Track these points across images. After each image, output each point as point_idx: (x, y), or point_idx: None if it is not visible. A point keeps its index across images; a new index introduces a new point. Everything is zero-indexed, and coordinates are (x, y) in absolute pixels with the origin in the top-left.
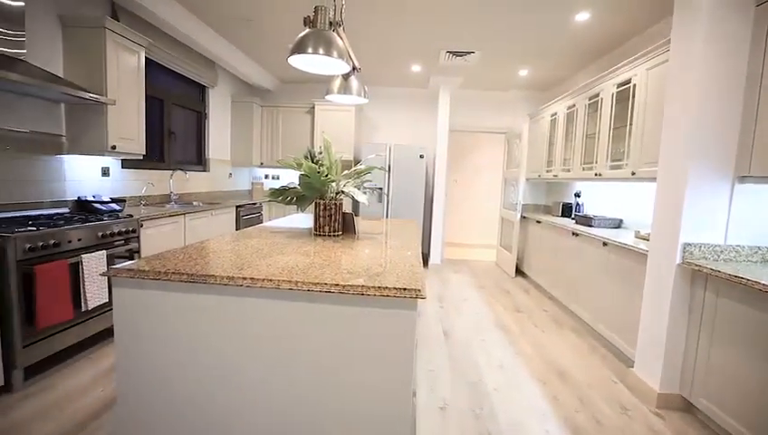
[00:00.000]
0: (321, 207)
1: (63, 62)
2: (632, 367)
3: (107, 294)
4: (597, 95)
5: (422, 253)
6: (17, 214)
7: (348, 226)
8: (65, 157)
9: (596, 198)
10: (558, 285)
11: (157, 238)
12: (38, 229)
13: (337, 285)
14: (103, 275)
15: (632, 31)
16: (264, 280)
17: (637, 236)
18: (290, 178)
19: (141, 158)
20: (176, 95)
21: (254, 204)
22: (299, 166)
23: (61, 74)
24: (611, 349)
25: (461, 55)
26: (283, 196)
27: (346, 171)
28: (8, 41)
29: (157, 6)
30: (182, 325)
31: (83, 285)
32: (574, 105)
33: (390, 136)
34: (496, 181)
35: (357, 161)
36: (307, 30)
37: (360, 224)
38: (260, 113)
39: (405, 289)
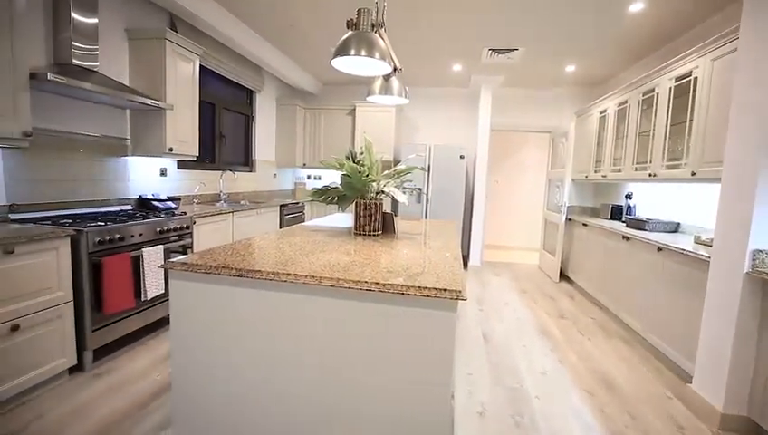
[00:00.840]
0: (362, 206)
1: (129, 72)
2: (690, 383)
3: (163, 286)
4: (652, 90)
5: (461, 255)
6: (88, 210)
7: (387, 225)
8: (129, 158)
9: (649, 199)
10: (606, 292)
11: (207, 235)
12: (106, 224)
13: (377, 283)
14: (161, 267)
15: (691, 21)
16: (306, 277)
17: (697, 242)
18: (331, 178)
19: (195, 159)
20: (226, 100)
21: (297, 203)
22: (340, 166)
23: (127, 83)
24: (665, 362)
25: (504, 53)
26: (324, 195)
27: (386, 171)
28: (84, 54)
29: (210, 16)
30: (230, 316)
31: (143, 276)
32: (626, 101)
33: (430, 136)
34: (539, 182)
35: (396, 162)
36: (350, 32)
37: (399, 224)
38: (303, 115)
39: (445, 290)
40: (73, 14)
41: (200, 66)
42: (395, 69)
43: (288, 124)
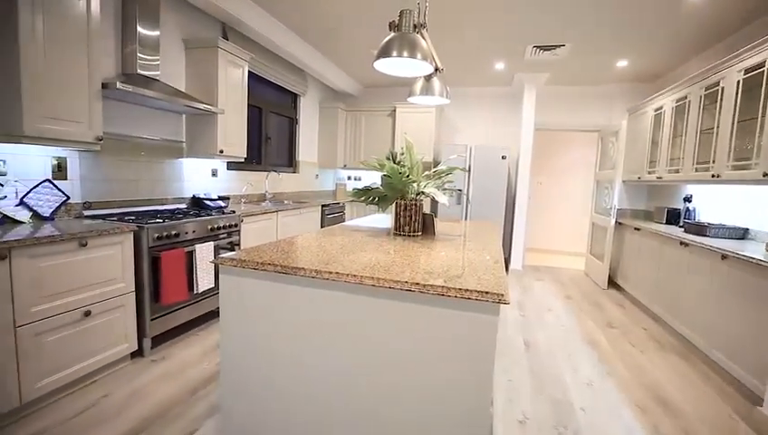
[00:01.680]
0: (402, 207)
1: (185, 79)
2: (761, 405)
3: (213, 280)
4: (716, 84)
5: (503, 258)
6: (148, 208)
7: (427, 226)
8: (184, 160)
9: (711, 203)
10: (660, 302)
11: (254, 233)
12: (164, 222)
13: (417, 284)
14: (212, 262)
15: (762, 7)
16: (347, 275)
17: None
18: (371, 179)
19: (243, 160)
20: (272, 103)
21: (338, 203)
22: (381, 167)
23: (183, 89)
24: (730, 380)
25: (549, 49)
26: (365, 196)
27: (426, 172)
28: (147, 64)
29: (259, 24)
30: (274, 311)
31: (196, 270)
32: (686, 97)
33: (471, 137)
34: (586, 184)
35: (436, 163)
36: (392, 34)
37: (439, 225)
38: (344, 117)
39: (487, 292)
40: (139, 29)
41: (249, 72)
42: (436, 69)
43: (330, 126)
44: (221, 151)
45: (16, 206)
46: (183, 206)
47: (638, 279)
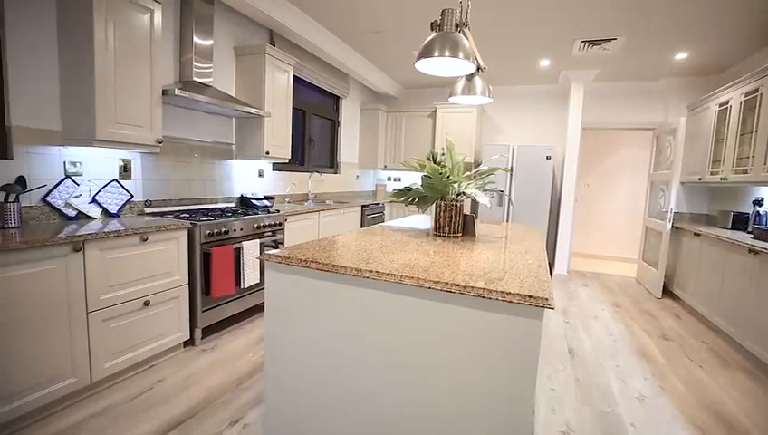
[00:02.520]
0: (442, 208)
1: (235, 84)
2: None
3: (258, 276)
4: None
5: (546, 262)
6: (200, 207)
7: (467, 227)
8: (233, 161)
9: None
10: (724, 314)
11: (297, 231)
12: (214, 219)
13: (457, 285)
14: (258, 259)
15: None
16: (388, 274)
17: None
18: (411, 180)
19: (287, 161)
20: (315, 106)
21: (378, 204)
22: (422, 167)
23: (234, 94)
24: None
25: (599, 44)
26: (405, 196)
27: (467, 173)
28: (202, 72)
29: (304, 30)
30: (315, 307)
31: (243, 266)
32: (757, 90)
33: (514, 137)
34: (638, 186)
35: (477, 163)
36: (434, 34)
37: (479, 227)
38: (385, 119)
39: (530, 296)
40: (195, 39)
41: (294, 76)
42: (478, 68)
43: (370, 127)
44: (267, 153)
45: (89, 203)
46: (232, 205)
47: (697, 288)
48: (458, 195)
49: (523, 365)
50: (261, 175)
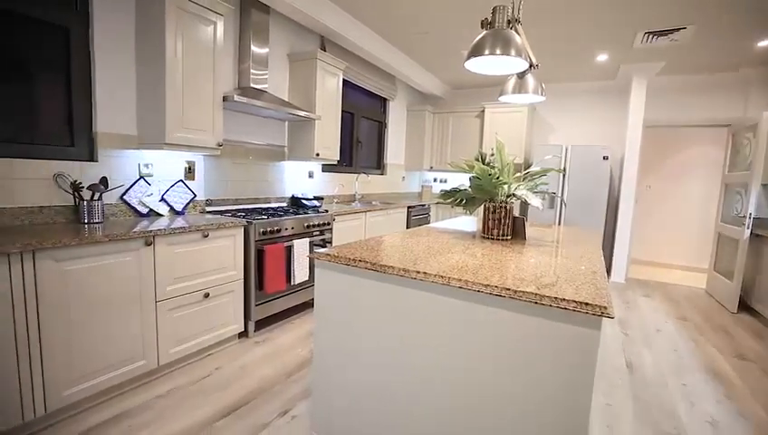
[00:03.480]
0: (491, 209)
1: (288, 89)
2: None
3: (307, 274)
4: None
5: (604, 268)
6: (255, 206)
7: (517, 230)
8: (285, 163)
9: None
10: None
11: (344, 231)
12: (268, 218)
13: (508, 289)
14: (309, 257)
15: None
16: (435, 276)
17: None
18: (457, 181)
19: (335, 163)
20: (363, 108)
21: (423, 205)
22: (470, 168)
23: (287, 99)
24: None
25: (666, 34)
26: (453, 197)
27: (517, 174)
28: (258, 78)
29: (354, 35)
30: (363, 305)
31: (293, 263)
32: None
33: (567, 136)
34: (709, 188)
35: (528, 164)
36: (484, 32)
37: (530, 230)
38: (431, 120)
39: (587, 304)
40: (252, 47)
41: (343, 79)
42: (531, 65)
43: (417, 129)
44: (317, 154)
45: (159, 201)
46: (283, 204)
47: None
48: (508, 196)
49: (578, 377)
50: (311, 176)
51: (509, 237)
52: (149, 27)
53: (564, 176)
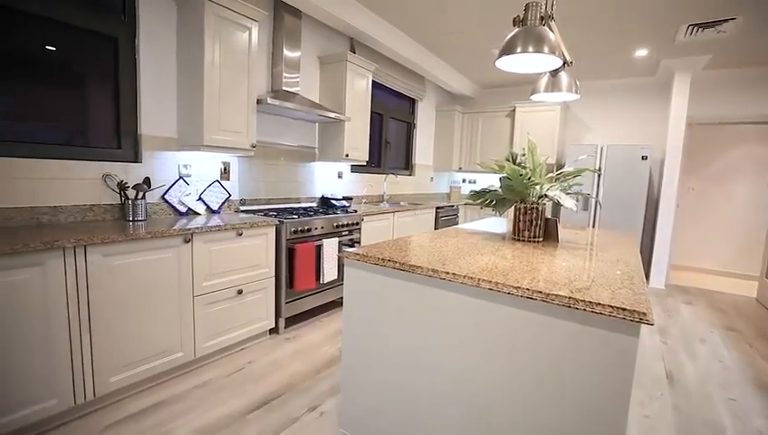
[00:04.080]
0: (522, 211)
1: (319, 91)
2: None
3: (336, 273)
4: None
5: (642, 273)
6: (286, 206)
7: (549, 232)
8: (315, 163)
9: None
10: None
11: (372, 231)
12: (299, 217)
13: (540, 292)
14: (339, 256)
15: None
16: (464, 277)
17: None
18: (487, 182)
19: (364, 164)
20: (392, 109)
21: (452, 206)
22: (500, 169)
23: (317, 100)
24: None
25: (712, 26)
26: (482, 198)
27: (550, 174)
28: (290, 81)
29: (383, 36)
30: (392, 304)
31: (322, 262)
32: None
33: (602, 136)
34: (759, 190)
35: (560, 165)
36: (516, 30)
37: (562, 232)
38: (461, 120)
39: (624, 309)
40: (285, 52)
41: (372, 81)
42: (564, 63)
43: (446, 129)
44: (347, 155)
45: (196, 200)
46: (313, 204)
47: None
48: (540, 197)
49: (614, 385)
50: (340, 176)
51: (541, 239)
52: (190, 35)
53: (600, 176)
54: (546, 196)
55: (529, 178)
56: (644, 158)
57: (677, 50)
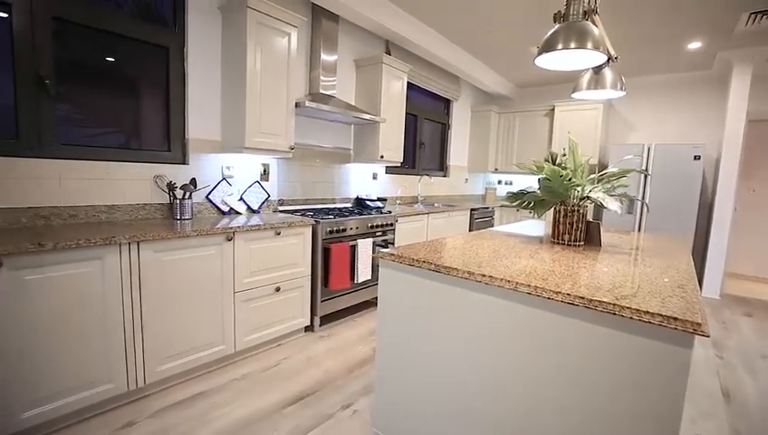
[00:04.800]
0: (562, 213)
1: (355, 94)
2: None
3: (369, 273)
4: None
5: (696, 281)
6: (321, 206)
7: (591, 236)
8: (350, 165)
9: None
10: None
11: (406, 232)
12: (334, 218)
13: (582, 297)
14: (374, 256)
15: None
16: (501, 280)
17: None
18: (523, 184)
19: (399, 165)
20: (426, 110)
21: (487, 208)
22: (539, 169)
23: (353, 102)
24: None
25: None
26: (520, 200)
27: (592, 175)
28: (327, 84)
29: (419, 37)
30: (426, 306)
31: (357, 262)
32: None
33: (649, 135)
34: None
35: (603, 166)
36: (557, 26)
37: (605, 235)
38: (497, 120)
39: (676, 319)
40: (322, 56)
41: (407, 82)
42: (609, 58)
43: (481, 130)
44: (381, 157)
45: (238, 200)
46: (348, 205)
47: None
48: (581, 199)
49: (664, 399)
50: (375, 178)
51: (582, 243)
52: (233, 43)
53: (646, 178)
54: (588, 198)
55: (570, 179)
56: (696, 158)
57: (737, 40)
